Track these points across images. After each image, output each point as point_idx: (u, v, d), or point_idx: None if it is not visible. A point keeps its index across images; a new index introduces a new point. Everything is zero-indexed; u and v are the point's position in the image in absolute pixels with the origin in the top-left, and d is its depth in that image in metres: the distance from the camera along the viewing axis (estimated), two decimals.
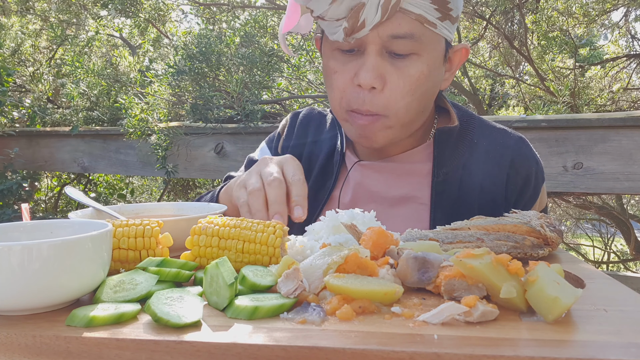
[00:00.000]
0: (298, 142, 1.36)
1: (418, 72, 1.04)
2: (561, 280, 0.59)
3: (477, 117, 1.25)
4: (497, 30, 4.49)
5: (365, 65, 1.03)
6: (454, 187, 1.15)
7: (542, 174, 1.21)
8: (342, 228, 0.86)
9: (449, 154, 1.17)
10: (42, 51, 5.61)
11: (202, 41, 3.25)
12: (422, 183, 1.18)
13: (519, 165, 1.16)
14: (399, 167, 1.21)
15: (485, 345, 0.50)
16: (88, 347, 0.54)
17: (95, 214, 1.01)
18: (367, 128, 1.09)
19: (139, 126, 3.21)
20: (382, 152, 1.23)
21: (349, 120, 1.12)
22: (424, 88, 1.07)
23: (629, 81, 4.82)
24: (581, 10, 4.30)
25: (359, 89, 1.05)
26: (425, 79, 1.05)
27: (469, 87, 4.79)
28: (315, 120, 1.38)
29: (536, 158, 1.20)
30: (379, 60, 1.03)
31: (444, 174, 1.16)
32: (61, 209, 5.39)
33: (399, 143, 1.20)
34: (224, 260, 0.66)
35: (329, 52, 1.11)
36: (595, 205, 4.59)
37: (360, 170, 1.24)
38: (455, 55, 1.15)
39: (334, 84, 1.10)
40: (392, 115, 1.07)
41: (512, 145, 1.18)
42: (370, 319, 0.58)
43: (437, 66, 1.08)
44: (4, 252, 0.58)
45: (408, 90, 1.04)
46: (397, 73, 1.03)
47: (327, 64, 1.12)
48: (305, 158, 1.31)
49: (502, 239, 0.84)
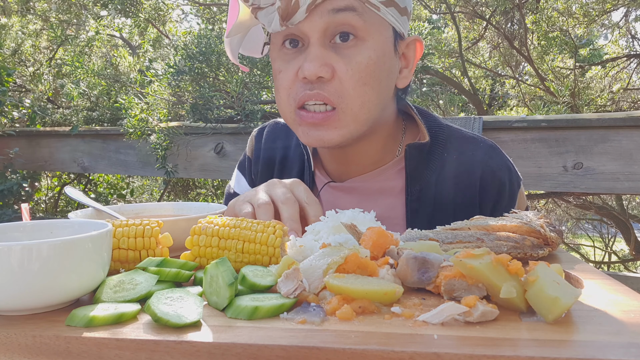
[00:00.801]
0: (267, 163, 1.31)
1: (366, 59, 1.00)
2: (561, 280, 0.59)
3: (445, 127, 1.20)
4: (497, 30, 4.49)
5: (308, 56, 0.99)
6: (427, 204, 1.12)
7: (516, 180, 1.17)
8: (342, 228, 0.86)
9: (421, 170, 1.14)
10: (42, 51, 5.62)
11: (202, 41, 3.25)
12: (396, 203, 1.15)
13: (490, 177, 1.13)
14: (369, 186, 1.18)
15: (485, 345, 0.50)
16: (88, 347, 0.54)
17: (95, 214, 1.01)
18: (318, 127, 1.03)
19: (138, 126, 3.21)
20: (352, 168, 1.19)
21: (298, 122, 1.06)
22: (377, 77, 1.02)
23: (629, 81, 4.82)
24: (581, 10, 4.30)
25: (306, 83, 1.01)
26: (375, 66, 1.01)
27: (469, 87, 4.78)
28: (282, 134, 1.32)
29: (508, 165, 1.17)
30: (322, 50, 1.00)
31: (417, 191, 1.13)
32: (61, 209, 5.39)
33: (368, 158, 1.17)
34: (223, 260, 0.66)
35: (276, 54, 1.08)
36: (595, 206, 4.59)
37: (330, 192, 1.20)
38: (409, 49, 1.11)
39: (280, 85, 1.06)
40: (346, 109, 1.01)
41: (481, 156, 1.15)
42: (370, 319, 0.58)
43: (386, 55, 1.04)
44: (4, 252, 0.58)
45: (359, 78, 1.00)
46: (344, 61, 0.99)
47: (274, 68, 1.08)
48: (279, 164, 1.28)
49: (502, 239, 0.84)
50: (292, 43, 1.05)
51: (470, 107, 5.35)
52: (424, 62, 3.64)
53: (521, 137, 2.33)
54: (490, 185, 1.13)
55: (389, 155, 1.20)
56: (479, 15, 4.37)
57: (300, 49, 1.04)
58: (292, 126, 1.11)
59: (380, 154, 1.19)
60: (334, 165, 1.22)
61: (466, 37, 4.93)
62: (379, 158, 1.19)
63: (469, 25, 4.86)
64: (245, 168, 1.37)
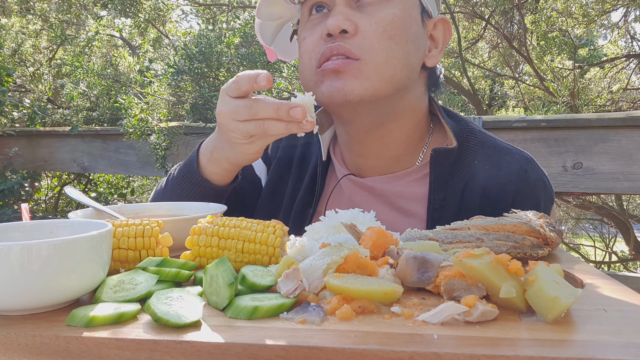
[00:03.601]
0: (288, 144, 1.28)
1: (390, 15, 0.99)
2: (561, 280, 0.59)
3: (477, 132, 1.14)
4: (497, 30, 4.49)
5: (332, 14, 1.00)
6: (451, 214, 1.06)
7: (550, 197, 1.11)
8: (342, 228, 0.86)
9: (446, 178, 1.08)
10: (42, 51, 5.62)
11: (202, 41, 3.25)
12: (417, 209, 1.10)
13: (526, 192, 1.07)
14: (390, 188, 1.13)
15: (485, 345, 0.50)
16: (88, 346, 0.54)
17: (95, 213, 1.01)
18: (339, 76, 0.99)
19: (138, 126, 3.21)
20: (371, 162, 1.14)
21: (320, 80, 1.02)
22: (403, 35, 1.00)
23: (628, 81, 4.83)
24: (580, 11, 4.31)
25: (330, 40, 1.00)
26: (401, 22, 1.00)
27: (468, 87, 4.79)
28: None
29: (544, 180, 1.11)
30: (347, 9, 1.00)
31: (441, 200, 1.07)
32: (61, 209, 5.39)
33: (389, 151, 1.12)
34: (223, 260, 0.66)
35: (302, 26, 1.09)
36: (595, 206, 4.59)
37: (349, 186, 1.16)
38: (437, 30, 1.11)
39: (304, 51, 1.06)
40: (370, 60, 0.98)
41: (517, 170, 1.08)
42: (370, 319, 0.58)
43: (412, 18, 1.03)
44: (4, 252, 0.58)
45: (383, 32, 0.98)
46: (368, 17, 0.99)
47: (299, 39, 1.09)
48: (297, 162, 1.24)
49: (502, 238, 0.84)
50: (318, 9, 1.07)
51: (469, 107, 5.35)
52: None
53: (521, 137, 2.33)
54: (526, 200, 1.07)
55: (411, 156, 1.15)
56: (478, 15, 4.37)
57: (326, 14, 1.05)
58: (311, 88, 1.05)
59: (402, 149, 1.14)
60: (353, 156, 1.17)
61: (465, 37, 4.93)
62: (400, 154, 1.14)
63: (469, 25, 4.86)
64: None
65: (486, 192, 1.07)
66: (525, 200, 1.07)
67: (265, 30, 1.21)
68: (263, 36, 1.21)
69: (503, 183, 1.07)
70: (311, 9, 1.08)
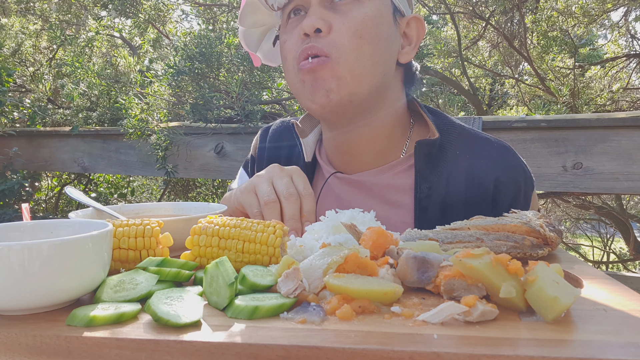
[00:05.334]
0: (271, 162, 1.29)
1: (362, 14, 1.04)
2: (560, 280, 0.59)
3: (457, 125, 1.19)
4: (497, 30, 4.49)
5: (307, 15, 1.06)
6: (437, 203, 1.11)
7: (530, 182, 1.16)
8: (342, 228, 0.86)
9: (431, 168, 1.13)
10: (42, 51, 5.62)
11: (202, 42, 3.25)
12: (405, 200, 1.14)
13: (506, 179, 1.12)
14: (377, 182, 1.17)
15: (484, 344, 0.50)
16: (88, 346, 0.54)
17: (96, 213, 1.01)
18: (317, 76, 1.04)
19: (139, 126, 3.21)
20: (357, 159, 1.19)
21: (300, 78, 1.08)
22: (374, 34, 1.04)
23: (628, 81, 4.82)
24: (581, 10, 4.31)
25: (306, 39, 1.05)
26: (372, 22, 1.04)
27: (468, 87, 4.78)
28: (287, 133, 1.32)
29: (522, 166, 1.16)
30: (321, 9, 1.05)
31: (427, 189, 1.11)
32: (61, 209, 5.39)
33: (373, 147, 1.16)
34: (224, 260, 0.66)
35: (282, 31, 1.14)
36: (595, 206, 4.59)
37: (337, 184, 1.20)
38: (410, 28, 1.14)
39: (286, 54, 1.11)
40: (341, 60, 1.03)
41: (496, 157, 1.14)
42: (370, 319, 0.58)
43: (384, 18, 1.07)
44: (4, 252, 0.58)
45: (354, 31, 1.03)
46: (341, 16, 1.04)
47: (280, 42, 1.14)
48: (283, 164, 1.25)
49: (502, 238, 0.84)
50: (296, 12, 1.11)
51: (469, 107, 5.35)
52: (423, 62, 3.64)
53: (521, 137, 2.33)
54: (507, 186, 1.11)
55: (395, 150, 1.19)
56: (478, 15, 4.37)
57: (302, 16, 1.09)
58: (298, 87, 1.10)
59: (386, 145, 1.18)
60: (339, 155, 1.22)
61: (465, 37, 4.93)
62: (385, 148, 1.18)
63: (469, 24, 4.86)
64: (249, 167, 1.38)
65: (469, 180, 1.12)
66: (505, 185, 1.12)
67: (250, 37, 1.26)
68: (247, 43, 1.27)
69: (484, 170, 1.12)
70: (290, 13, 1.13)
